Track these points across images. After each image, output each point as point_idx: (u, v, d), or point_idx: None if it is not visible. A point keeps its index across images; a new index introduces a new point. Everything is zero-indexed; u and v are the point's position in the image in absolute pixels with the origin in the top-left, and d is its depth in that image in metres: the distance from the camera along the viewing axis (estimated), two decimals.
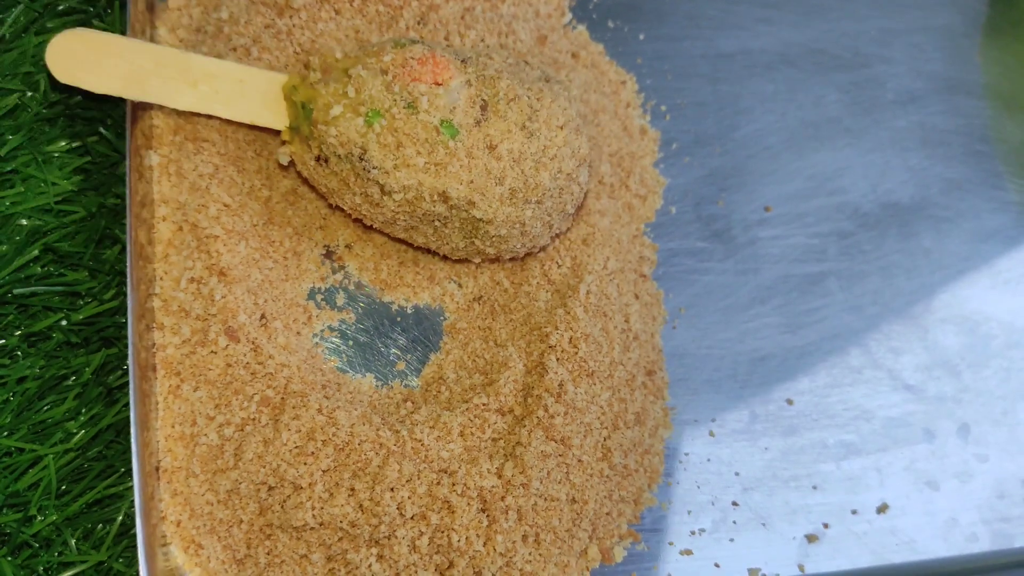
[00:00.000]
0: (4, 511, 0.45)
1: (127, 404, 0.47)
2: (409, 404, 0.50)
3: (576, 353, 0.51)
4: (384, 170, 0.47)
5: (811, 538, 0.55)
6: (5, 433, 0.47)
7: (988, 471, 0.59)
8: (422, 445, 0.47)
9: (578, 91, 0.58)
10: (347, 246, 0.53)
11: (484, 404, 0.49)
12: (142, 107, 0.50)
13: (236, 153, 0.52)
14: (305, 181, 0.52)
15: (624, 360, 0.53)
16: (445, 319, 0.54)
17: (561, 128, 0.49)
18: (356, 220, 0.52)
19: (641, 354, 0.55)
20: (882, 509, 0.57)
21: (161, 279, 0.48)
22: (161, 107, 0.50)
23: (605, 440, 0.51)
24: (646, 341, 0.56)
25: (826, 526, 0.56)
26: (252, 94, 0.50)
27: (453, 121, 0.47)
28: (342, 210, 0.52)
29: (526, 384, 0.50)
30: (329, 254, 0.53)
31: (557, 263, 0.54)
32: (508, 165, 0.48)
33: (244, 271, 0.49)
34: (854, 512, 0.57)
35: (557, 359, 0.50)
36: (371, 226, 0.51)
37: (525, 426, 0.49)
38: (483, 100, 0.48)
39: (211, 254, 0.48)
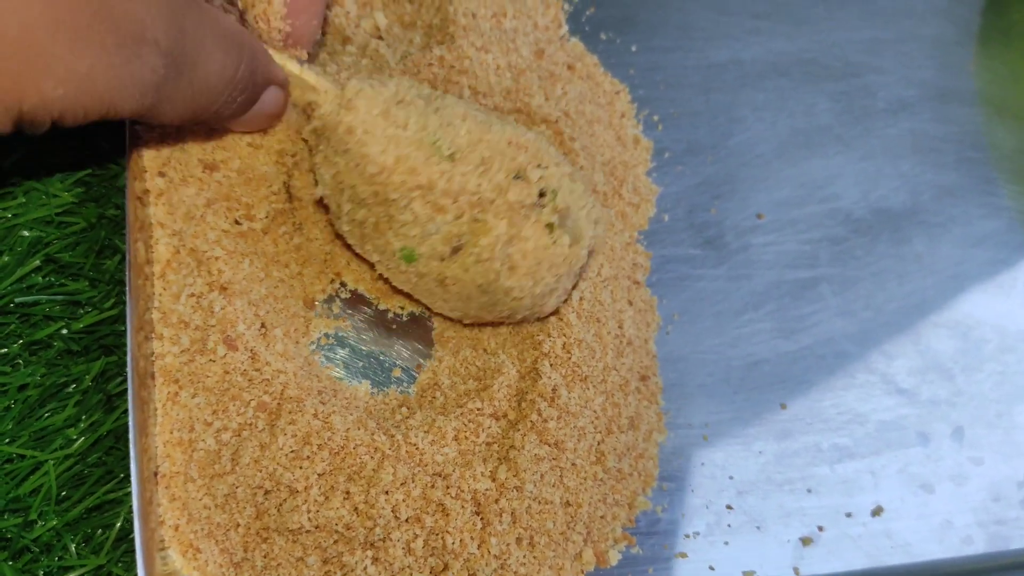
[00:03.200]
0: (5, 516, 0.46)
1: (126, 411, 0.47)
2: (404, 409, 0.51)
3: (569, 359, 0.51)
4: (354, 243, 0.50)
5: (806, 541, 0.56)
6: (6, 440, 0.47)
7: (983, 474, 0.60)
8: (417, 449, 0.48)
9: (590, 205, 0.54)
10: (346, 262, 0.54)
11: (478, 409, 0.50)
12: (136, 134, 0.50)
13: (227, 191, 0.52)
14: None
15: (617, 365, 0.54)
16: (433, 328, 0.54)
17: (520, 299, 0.49)
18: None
19: (635, 359, 0.56)
20: (877, 512, 0.57)
21: (160, 295, 0.49)
22: (147, 143, 0.50)
23: (599, 444, 0.52)
24: (640, 347, 0.57)
25: (821, 529, 0.56)
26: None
27: (416, 250, 0.48)
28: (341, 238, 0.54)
29: (520, 389, 0.51)
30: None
31: None
32: (455, 299, 0.50)
33: (246, 286, 0.50)
34: (848, 515, 0.57)
35: (551, 364, 0.51)
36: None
37: (519, 430, 0.49)
38: (459, 243, 0.47)
39: (212, 272, 0.49)
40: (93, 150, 0.53)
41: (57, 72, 0.36)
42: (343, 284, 0.54)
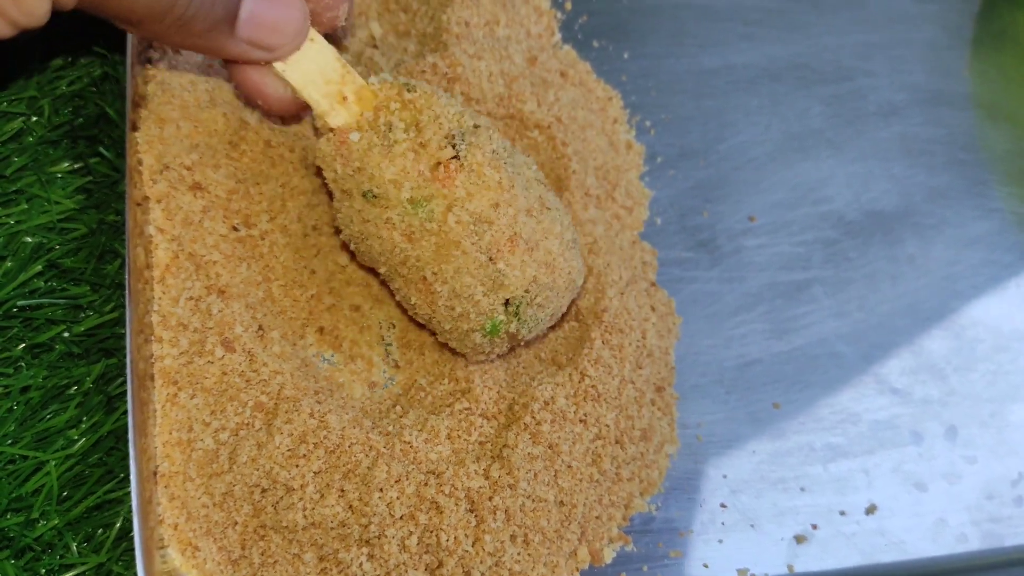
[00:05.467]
0: (8, 515, 0.47)
1: (126, 412, 0.48)
2: (398, 408, 0.52)
3: (582, 382, 0.52)
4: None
5: (800, 539, 0.56)
6: (9, 441, 0.48)
7: (976, 472, 0.60)
8: (411, 447, 0.49)
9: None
10: (342, 266, 0.55)
11: (467, 408, 0.50)
12: (134, 141, 0.51)
13: (224, 202, 0.52)
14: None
15: (635, 378, 0.54)
16: (394, 330, 0.55)
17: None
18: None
19: (653, 371, 0.56)
20: (870, 510, 0.58)
21: (159, 298, 0.49)
22: (148, 148, 0.51)
23: (597, 448, 0.52)
24: (660, 357, 0.57)
25: (815, 527, 0.56)
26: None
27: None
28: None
29: (505, 394, 0.52)
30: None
31: None
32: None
33: (244, 289, 0.51)
34: (842, 513, 0.57)
35: (557, 383, 0.51)
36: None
37: (512, 430, 0.50)
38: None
39: (210, 276, 0.50)
40: (94, 157, 0.55)
41: None
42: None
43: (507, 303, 0.47)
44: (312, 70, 0.48)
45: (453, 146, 0.46)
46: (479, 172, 0.46)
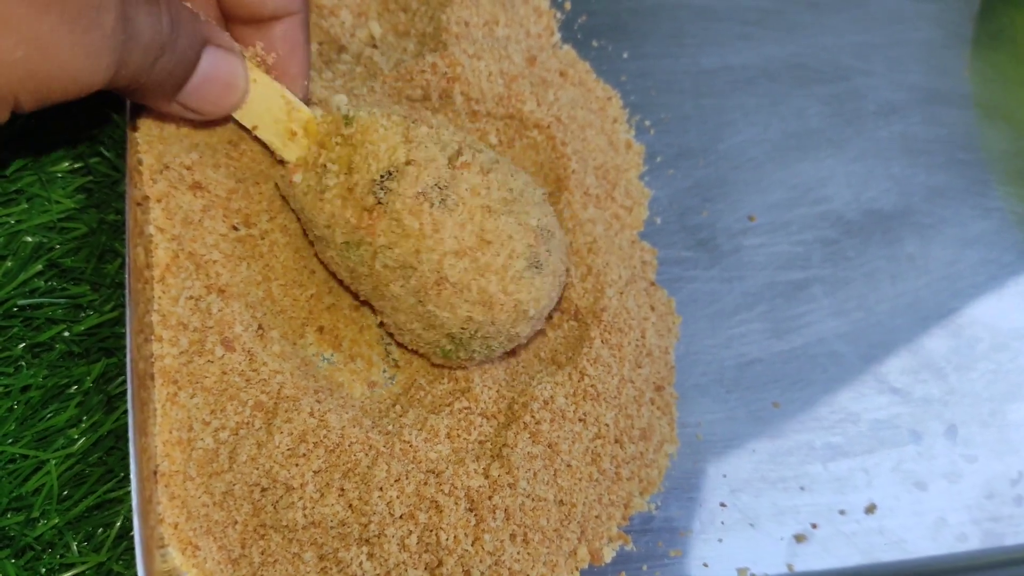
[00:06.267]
0: (8, 515, 0.47)
1: (126, 411, 0.48)
2: (398, 407, 0.52)
3: (581, 381, 0.52)
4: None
5: (799, 538, 0.56)
6: (10, 440, 0.48)
7: (977, 471, 0.60)
8: (410, 446, 0.49)
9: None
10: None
11: (467, 408, 0.50)
12: (134, 141, 0.51)
13: (224, 201, 0.52)
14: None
15: (634, 377, 0.54)
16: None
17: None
18: None
19: (652, 370, 0.56)
20: (870, 509, 0.58)
21: (159, 298, 0.49)
22: (149, 148, 0.51)
23: (596, 447, 0.52)
24: (659, 357, 0.57)
25: (814, 526, 0.57)
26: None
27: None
28: None
29: (508, 395, 0.52)
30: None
31: (577, 276, 0.56)
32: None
33: (244, 288, 0.51)
34: (842, 512, 0.57)
35: (557, 382, 0.51)
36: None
37: (511, 429, 0.50)
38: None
39: (210, 275, 0.50)
40: (95, 157, 0.55)
41: (18, 30, 0.35)
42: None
43: (450, 336, 0.48)
44: (260, 110, 0.49)
45: (374, 193, 0.47)
46: (399, 220, 0.46)
